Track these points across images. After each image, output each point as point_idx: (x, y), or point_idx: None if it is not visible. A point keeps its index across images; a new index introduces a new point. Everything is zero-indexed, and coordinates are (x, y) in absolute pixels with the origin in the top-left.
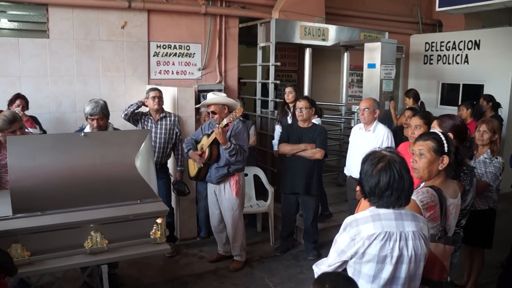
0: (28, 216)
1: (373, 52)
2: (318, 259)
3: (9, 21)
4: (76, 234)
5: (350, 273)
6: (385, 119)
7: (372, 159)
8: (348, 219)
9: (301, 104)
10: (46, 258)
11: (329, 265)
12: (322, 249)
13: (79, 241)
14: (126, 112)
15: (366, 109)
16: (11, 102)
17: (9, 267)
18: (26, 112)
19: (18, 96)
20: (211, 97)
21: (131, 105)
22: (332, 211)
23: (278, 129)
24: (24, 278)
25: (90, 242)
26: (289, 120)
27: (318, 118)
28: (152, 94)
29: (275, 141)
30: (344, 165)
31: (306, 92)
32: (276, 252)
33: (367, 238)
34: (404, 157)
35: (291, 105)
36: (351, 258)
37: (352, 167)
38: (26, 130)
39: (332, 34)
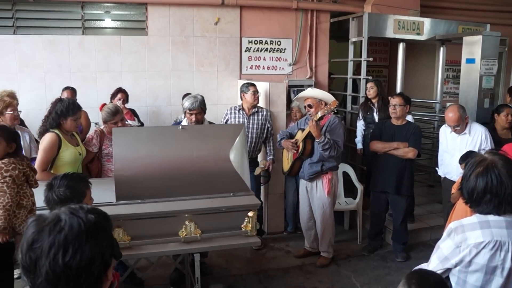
0: (130, 203)
1: (472, 46)
2: (406, 261)
3: (112, 20)
4: (172, 222)
5: (453, 282)
6: (482, 117)
7: (472, 162)
8: (453, 225)
9: (395, 101)
10: (144, 244)
11: None
12: (411, 251)
13: (174, 229)
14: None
15: (457, 127)
16: (113, 96)
17: (117, 250)
18: (126, 105)
19: (119, 90)
20: (309, 90)
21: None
22: (422, 212)
23: (359, 126)
24: (123, 260)
25: (184, 231)
26: (375, 116)
27: (410, 116)
28: (252, 89)
29: (357, 139)
30: (436, 165)
31: (398, 89)
32: (363, 252)
33: (474, 246)
34: None
35: (374, 100)
36: (455, 266)
37: (447, 169)
38: (126, 122)
39: (427, 27)
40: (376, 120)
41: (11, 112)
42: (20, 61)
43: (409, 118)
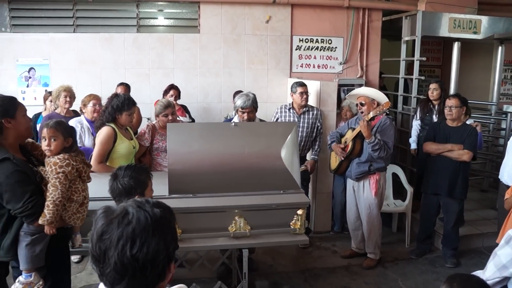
0: (182, 197)
1: None
2: (456, 268)
3: (165, 18)
4: (222, 217)
5: None
6: None
7: None
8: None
9: (451, 102)
10: (194, 237)
11: (487, 279)
12: (461, 257)
13: (224, 224)
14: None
15: None
16: (165, 92)
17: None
18: (178, 102)
19: (172, 86)
20: (362, 89)
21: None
22: (474, 218)
23: (415, 126)
24: None
25: (234, 227)
26: (435, 118)
27: (472, 120)
28: (300, 89)
29: (412, 139)
30: (493, 169)
31: (452, 90)
32: (411, 255)
33: None
34: None
35: (435, 102)
36: None
37: (504, 173)
38: (177, 118)
39: (485, 26)
40: None
41: (93, 105)
42: (79, 58)
43: (470, 122)
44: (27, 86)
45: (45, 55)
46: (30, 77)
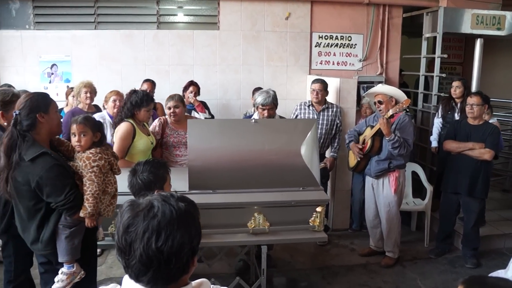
0: (201, 193)
1: None
2: (476, 268)
3: (185, 15)
4: (241, 214)
5: None
6: None
7: None
8: None
9: (472, 100)
10: (213, 233)
11: (511, 278)
12: (482, 258)
13: (243, 220)
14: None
15: None
16: (185, 89)
17: None
18: (198, 98)
19: (191, 83)
20: (380, 86)
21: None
22: (495, 218)
23: (437, 123)
24: None
25: (253, 223)
26: (456, 117)
27: (495, 118)
28: (312, 87)
29: (433, 137)
30: None
31: (474, 87)
32: (430, 254)
33: None
34: None
35: (458, 100)
36: None
37: None
38: (197, 114)
39: (510, 22)
40: None
41: (113, 101)
42: (100, 54)
43: (493, 121)
44: (50, 82)
45: (67, 52)
46: (52, 73)
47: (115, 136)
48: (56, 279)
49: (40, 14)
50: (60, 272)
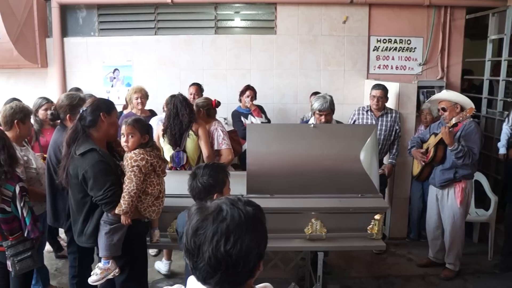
0: (259, 197)
1: None
2: None
3: (242, 20)
4: (298, 219)
5: None
6: None
7: None
8: None
9: None
10: (270, 238)
11: None
12: None
13: (300, 226)
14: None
15: None
16: (242, 93)
17: None
18: (254, 102)
19: (248, 87)
20: (444, 93)
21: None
22: None
23: (505, 130)
24: None
25: (310, 229)
26: None
27: None
28: (372, 93)
29: (501, 143)
30: None
31: None
32: (495, 269)
33: None
34: None
35: None
36: None
37: None
38: (254, 119)
39: None
40: None
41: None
42: (159, 59)
43: None
44: (112, 86)
45: (128, 57)
46: (114, 78)
47: (203, 139)
48: (92, 272)
49: (104, 21)
50: (96, 266)
